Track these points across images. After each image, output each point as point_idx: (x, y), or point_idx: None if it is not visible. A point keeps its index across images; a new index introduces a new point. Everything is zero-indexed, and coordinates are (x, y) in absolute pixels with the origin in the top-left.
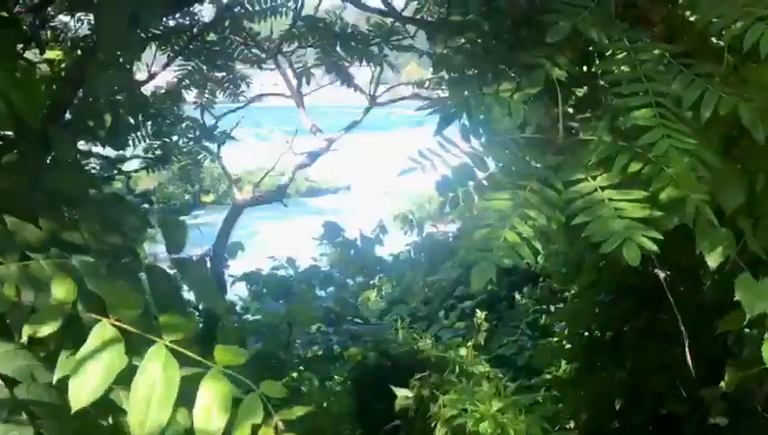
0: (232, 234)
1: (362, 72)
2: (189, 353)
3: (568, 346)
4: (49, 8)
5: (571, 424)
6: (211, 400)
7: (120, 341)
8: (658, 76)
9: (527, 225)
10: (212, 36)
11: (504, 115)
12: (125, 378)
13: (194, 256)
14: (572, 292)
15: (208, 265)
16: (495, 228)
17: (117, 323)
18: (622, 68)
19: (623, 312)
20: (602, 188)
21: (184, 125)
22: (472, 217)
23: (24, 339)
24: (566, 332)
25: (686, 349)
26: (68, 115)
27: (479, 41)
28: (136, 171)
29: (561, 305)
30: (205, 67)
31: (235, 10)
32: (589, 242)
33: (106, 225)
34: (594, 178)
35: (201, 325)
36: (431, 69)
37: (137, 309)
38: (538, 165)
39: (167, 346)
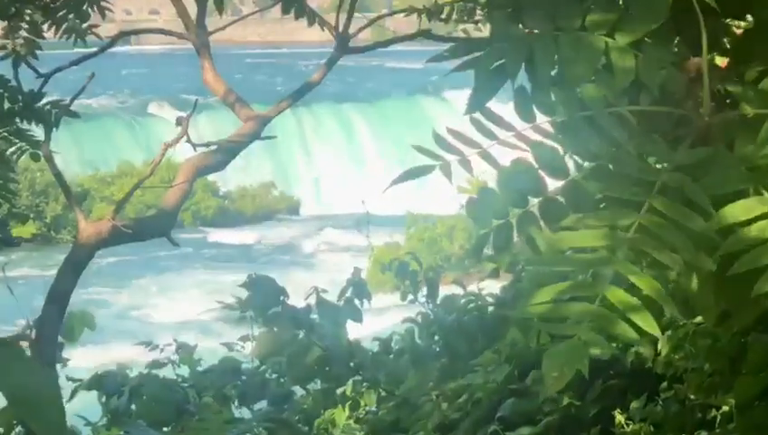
0: (74, 297)
1: None
2: None
3: None
4: None
5: None
6: None
7: None
8: None
9: (644, 277)
10: None
11: (596, 70)
12: None
13: None
14: (725, 409)
15: (27, 355)
16: (584, 284)
17: None
18: None
19: None
20: None
21: None
22: (535, 264)
23: None
24: None
25: None
26: None
27: None
28: None
29: None
30: None
31: None
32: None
33: None
34: None
35: None
36: None
37: None
38: (663, 164)
39: None
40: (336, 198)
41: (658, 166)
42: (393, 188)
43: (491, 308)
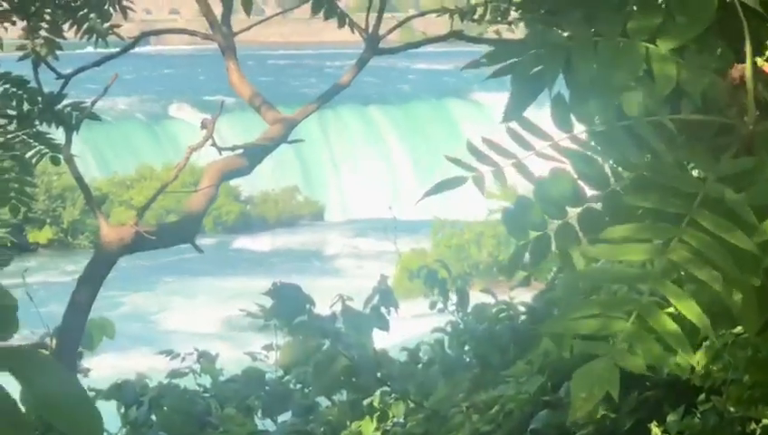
0: (95, 305)
1: None
2: None
3: None
4: None
5: None
6: None
7: None
8: None
9: (684, 293)
10: None
11: (637, 77)
12: None
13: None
14: (766, 422)
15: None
16: (620, 299)
17: None
18: None
19: None
20: None
21: None
22: (570, 277)
23: None
24: None
25: None
26: None
27: None
28: None
29: None
30: None
31: None
32: None
33: None
34: None
35: None
36: None
37: None
38: (705, 174)
39: None
40: (361, 203)
41: (700, 176)
42: (419, 193)
43: (522, 317)
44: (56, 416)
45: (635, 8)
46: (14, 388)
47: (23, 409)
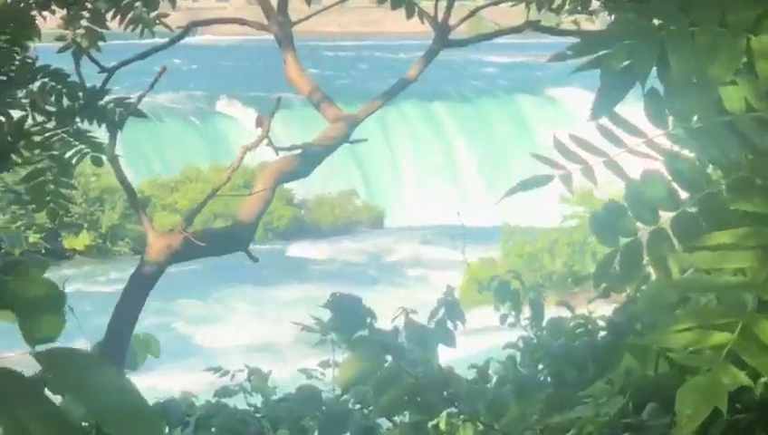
0: (141, 317)
1: None
2: None
3: None
4: None
5: None
6: None
7: None
8: None
9: None
10: None
11: (737, 70)
12: None
13: None
14: None
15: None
16: (718, 311)
17: None
18: None
19: None
20: None
21: (35, 86)
22: (656, 288)
23: None
24: None
25: None
26: None
27: None
28: None
29: None
30: None
31: None
32: None
33: None
34: None
35: None
36: None
37: None
38: None
39: None
40: (425, 208)
41: None
42: (487, 197)
43: (602, 333)
44: (116, 426)
45: None
46: None
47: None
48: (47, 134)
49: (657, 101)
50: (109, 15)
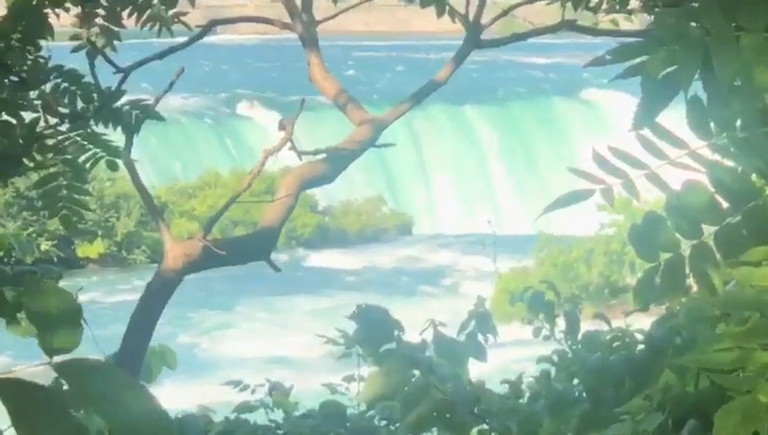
0: (158, 328)
1: None
2: None
3: None
4: None
5: None
6: None
7: None
8: None
9: None
10: None
11: None
12: None
13: None
14: None
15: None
16: (762, 329)
17: None
18: None
19: None
20: None
21: (48, 87)
22: (697, 302)
23: None
24: None
25: None
26: None
27: None
28: None
29: None
30: None
31: None
32: None
33: None
34: None
35: None
36: None
37: None
38: None
39: None
40: (455, 215)
41: None
42: (520, 204)
43: (640, 347)
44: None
45: None
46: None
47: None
48: (60, 137)
49: (699, 110)
50: (125, 13)
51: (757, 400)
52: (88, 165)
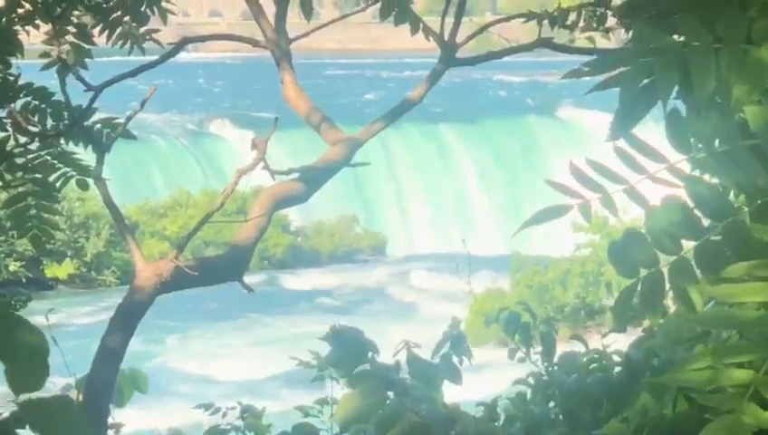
0: (128, 350)
1: None
2: None
3: None
4: None
5: None
6: None
7: None
8: None
9: None
10: None
11: (763, 90)
12: None
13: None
14: None
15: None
16: (739, 347)
17: None
18: None
19: None
20: None
21: (18, 105)
22: (674, 322)
23: None
24: None
25: None
26: None
27: None
28: None
29: None
30: None
31: None
32: None
33: None
34: None
35: None
36: None
37: None
38: None
39: None
40: (429, 235)
41: None
42: (495, 224)
43: (617, 369)
44: None
45: (758, 13)
46: None
47: None
48: (30, 156)
49: (678, 123)
50: (96, 31)
51: (741, 420)
52: (58, 184)
